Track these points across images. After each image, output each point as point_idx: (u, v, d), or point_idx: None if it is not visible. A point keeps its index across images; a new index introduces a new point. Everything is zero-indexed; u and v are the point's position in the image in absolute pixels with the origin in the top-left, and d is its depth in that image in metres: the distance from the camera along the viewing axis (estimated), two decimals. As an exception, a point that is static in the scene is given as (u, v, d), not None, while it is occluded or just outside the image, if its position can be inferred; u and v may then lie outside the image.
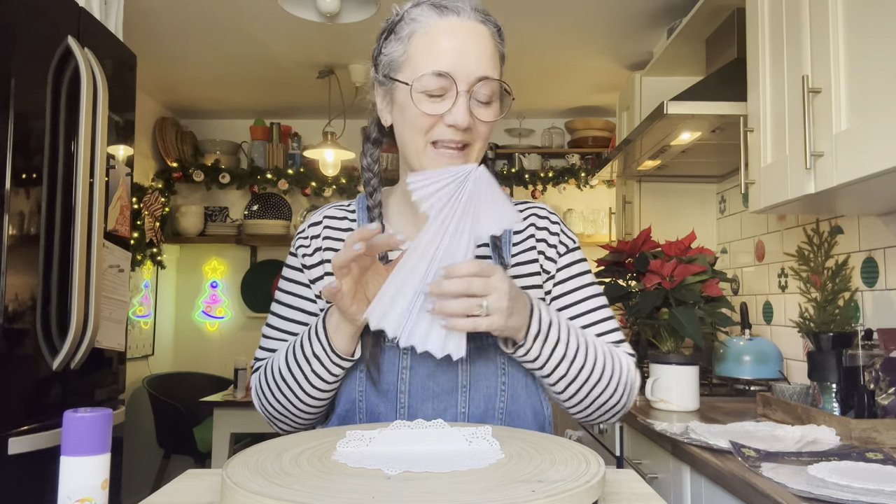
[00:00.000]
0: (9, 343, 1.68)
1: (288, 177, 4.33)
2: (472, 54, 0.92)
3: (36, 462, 1.71)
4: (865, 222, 1.89)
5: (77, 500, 0.61)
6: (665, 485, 1.61)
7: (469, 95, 0.92)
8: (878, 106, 1.25)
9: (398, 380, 0.96)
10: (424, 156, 0.95)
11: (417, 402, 0.95)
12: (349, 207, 1.09)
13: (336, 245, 1.04)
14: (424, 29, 0.93)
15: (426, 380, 0.96)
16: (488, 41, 0.94)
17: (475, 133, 0.94)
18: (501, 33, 0.99)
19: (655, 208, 3.10)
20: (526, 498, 0.59)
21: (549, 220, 1.08)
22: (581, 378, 0.93)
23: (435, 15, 0.93)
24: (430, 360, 0.96)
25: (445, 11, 0.93)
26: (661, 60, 2.91)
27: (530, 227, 1.07)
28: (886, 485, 0.98)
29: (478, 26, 0.94)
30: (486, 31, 0.95)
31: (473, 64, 0.92)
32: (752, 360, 2.12)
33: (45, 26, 1.83)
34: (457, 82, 0.91)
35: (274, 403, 0.98)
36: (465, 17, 0.93)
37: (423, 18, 0.94)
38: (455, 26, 0.93)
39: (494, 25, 0.97)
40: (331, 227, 1.06)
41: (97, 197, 1.92)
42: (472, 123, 0.92)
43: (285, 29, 3.09)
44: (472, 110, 0.93)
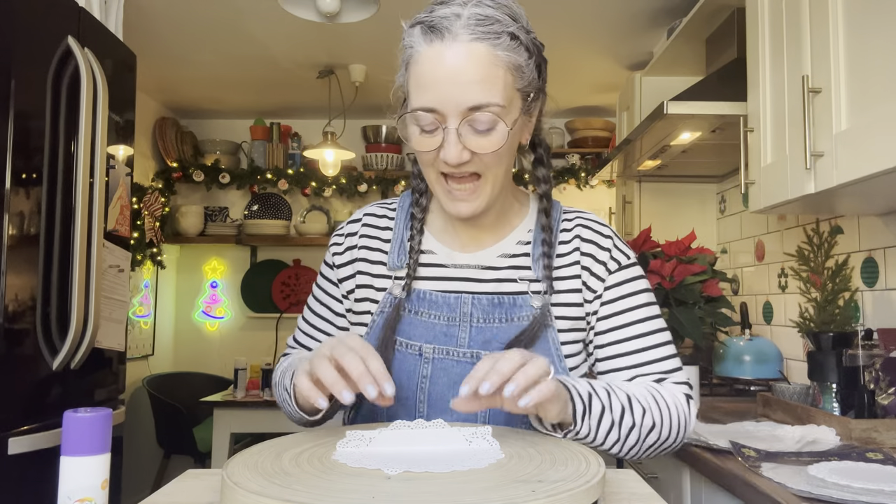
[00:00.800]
0: (9, 343, 1.68)
1: (288, 177, 4.33)
2: (459, 84, 0.83)
3: (36, 462, 1.71)
4: (865, 222, 1.89)
5: (77, 500, 0.61)
6: (665, 485, 1.61)
7: (458, 130, 0.85)
8: (878, 106, 1.25)
9: (417, 389, 0.94)
10: (438, 190, 0.93)
11: (437, 413, 0.92)
12: (391, 206, 1.06)
13: (371, 243, 1.03)
14: (415, 57, 0.87)
15: (446, 390, 0.93)
16: (481, 62, 0.84)
17: (480, 164, 0.88)
18: (521, 38, 0.88)
19: (655, 208, 3.10)
20: (526, 498, 0.59)
21: (600, 233, 1.00)
22: (633, 437, 0.90)
23: (423, 41, 0.86)
24: (452, 371, 0.94)
25: (433, 37, 0.85)
26: (661, 60, 2.91)
27: (575, 240, 1.00)
28: (886, 485, 0.98)
29: (468, 47, 0.84)
30: (482, 50, 0.84)
31: (461, 94, 0.84)
32: (752, 360, 2.12)
33: (45, 26, 1.83)
34: (446, 118, 0.85)
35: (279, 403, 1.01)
36: (452, 40, 0.84)
37: (415, 45, 0.87)
38: (438, 54, 0.84)
39: (497, 37, 0.85)
40: (369, 224, 1.04)
41: (97, 197, 1.92)
42: (467, 157, 0.86)
43: (285, 29, 3.09)
44: (467, 142, 0.86)
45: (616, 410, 0.88)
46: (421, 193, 1.02)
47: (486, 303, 0.96)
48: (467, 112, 0.85)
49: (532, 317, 0.95)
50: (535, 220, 1.02)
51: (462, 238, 1.01)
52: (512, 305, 0.96)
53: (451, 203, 0.92)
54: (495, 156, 0.88)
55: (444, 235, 1.02)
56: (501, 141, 0.87)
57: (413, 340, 0.96)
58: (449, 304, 0.96)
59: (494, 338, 0.94)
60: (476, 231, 1.00)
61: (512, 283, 0.98)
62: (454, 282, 0.99)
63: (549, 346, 0.95)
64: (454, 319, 0.96)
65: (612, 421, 0.87)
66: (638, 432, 0.89)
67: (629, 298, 0.98)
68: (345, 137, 4.00)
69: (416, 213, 1.02)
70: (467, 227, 1.00)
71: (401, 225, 1.03)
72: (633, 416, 0.89)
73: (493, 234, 1.01)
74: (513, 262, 0.99)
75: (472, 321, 0.95)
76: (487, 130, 0.86)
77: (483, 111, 0.85)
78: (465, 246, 1.01)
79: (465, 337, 0.95)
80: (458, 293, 0.97)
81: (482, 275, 0.99)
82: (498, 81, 0.85)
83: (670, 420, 0.92)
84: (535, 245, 1.00)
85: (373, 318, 1.00)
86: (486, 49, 0.85)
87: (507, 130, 0.87)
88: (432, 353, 0.95)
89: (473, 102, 0.84)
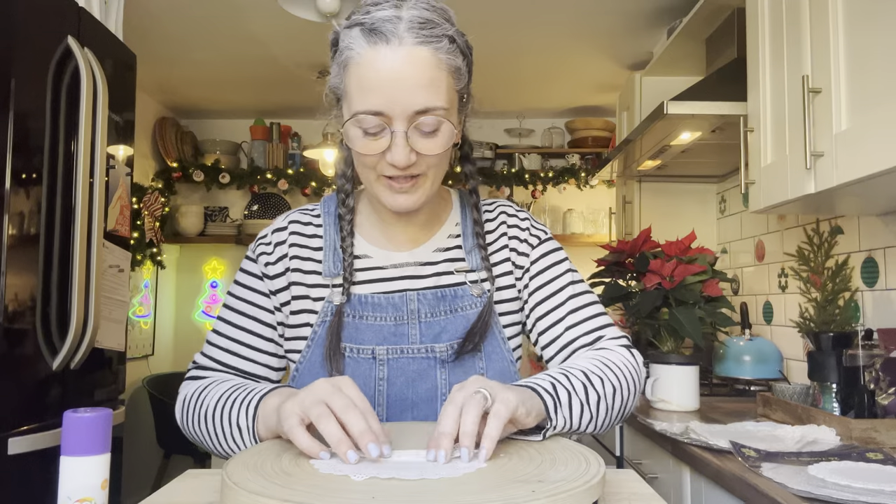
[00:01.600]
0: (9, 343, 1.68)
1: (288, 177, 4.33)
2: (406, 88, 0.83)
3: (36, 462, 1.71)
4: (865, 222, 1.89)
5: (77, 500, 0.61)
6: (665, 485, 1.61)
7: (406, 132, 0.85)
8: (878, 106, 1.25)
9: (375, 392, 0.93)
10: (377, 187, 0.92)
11: (396, 413, 0.93)
12: (314, 212, 1.04)
13: (302, 252, 0.99)
14: (356, 59, 0.85)
15: (404, 389, 0.94)
16: (426, 66, 0.84)
17: (423, 164, 0.89)
18: (457, 41, 0.88)
19: (655, 208, 3.10)
20: (526, 498, 0.59)
21: (517, 216, 1.06)
22: (602, 409, 0.90)
23: (365, 44, 0.85)
24: (408, 369, 0.94)
25: (375, 39, 0.84)
26: (661, 60, 2.91)
27: (502, 226, 1.05)
28: (886, 485, 0.98)
29: (413, 51, 0.84)
30: (424, 53, 0.84)
31: (409, 98, 0.84)
32: (752, 360, 2.12)
33: (45, 26, 1.83)
34: (392, 120, 0.85)
35: (198, 434, 0.94)
36: (397, 44, 0.83)
37: (355, 46, 0.85)
38: (384, 58, 0.83)
39: (439, 41, 0.85)
40: (296, 232, 1.01)
41: (97, 197, 1.92)
42: (414, 159, 0.87)
43: (285, 29, 3.09)
44: (415, 144, 0.86)
45: (580, 390, 0.88)
46: (347, 195, 1.01)
47: (431, 297, 0.98)
48: (414, 116, 0.85)
49: (475, 305, 0.99)
50: (460, 212, 1.06)
51: (396, 237, 1.01)
52: (454, 297, 0.99)
53: (390, 197, 0.91)
54: (437, 156, 0.89)
55: (377, 237, 1.01)
56: (447, 142, 0.89)
57: (364, 345, 0.95)
58: (394, 304, 0.97)
59: (444, 330, 0.97)
60: (410, 228, 1.01)
61: (450, 275, 1.01)
62: (395, 282, 0.99)
63: (495, 333, 0.99)
64: (402, 318, 0.96)
65: (580, 402, 0.87)
66: (605, 402, 0.90)
67: (554, 267, 1.03)
68: (345, 137, 3.99)
69: (344, 214, 1.00)
70: (401, 225, 1.01)
71: (331, 230, 1.01)
72: (596, 389, 0.90)
73: (425, 230, 1.02)
74: (447, 256, 1.02)
75: (420, 317, 0.97)
76: (433, 132, 0.87)
77: (429, 114, 0.85)
78: (399, 245, 1.01)
79: (416, 333, 0.96)
80: (401, 292, 0.98)
81: (422, 271, 1.00)
82: (442, 84, 0.86)
83: (625, 377, 0.94)
84: (466, 237, 1.03)
85: (313, 329, 0.97)
86: (429, 53, 0.85)
87: (452, 131, 0.89)
88: (386, 355, 0.95)
89: (420, 106, 0.85)
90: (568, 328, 1.00)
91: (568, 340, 1.00)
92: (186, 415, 0.95)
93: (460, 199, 1.08)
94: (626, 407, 0.95)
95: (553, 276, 1.03)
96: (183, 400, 0.97)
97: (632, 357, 0.98)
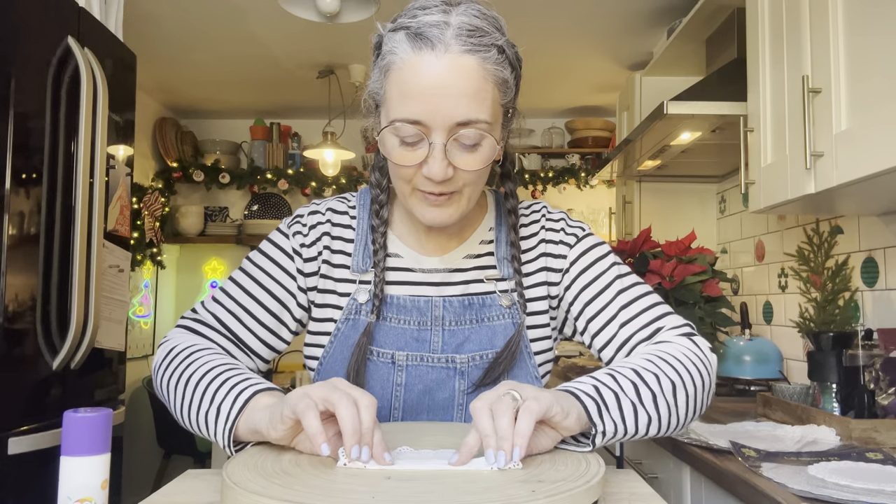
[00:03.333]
0: (9, 343, 1.68)
1: (288, 177, 4.33)
2: (449, 98, 0.80)
3: (36, 462, 1.71)
4: (865, 222, 1.89)
5: (77, 500, 0.61)
6: (665, 485, 1.61)
7: (445, 145, 0.81)
8: (878, 106, 1.25)
9: (392, 397, 0.91)
10: (412, 200, 0.88)
11: (411, 418, 0.92)
12: (350, 203, 1.01)
13: (334, 244, 0.96)
14: (399, 65, 0.82)
15: (421, 396, 0.92)
16: (472, 77, 0.80)
17: (461, 180, 0.85)
18: (507, 52, 0.85)
19: (655, 208, 3.10)
20: (526, 498, 0.59)
21: (552, 219, 1.01)
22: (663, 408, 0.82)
23: (409, 49, 0.81)
24: (426, 378, 0.92)
25: (421, 45, 0.80)
26: (661, 60, 2.91)
27: (541, 231, 1.00)
28: (886, 485, 0.98)
29: (460, 60, 0.80)
30: (471, 63, 0.80)
31: (451, 108, 0.80)
32: (752, 360, 2.12)
33: (45, 26, 1.83)
34: (429, 132, 0.81)
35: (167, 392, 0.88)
36: (443, 51, 0.80)
37: (399, 52, 0.82)
38: (429, 65, 0.80)
39: (487, 50, 0.82)
40: (333, 222, 0.98)
41: (97, 197, 1.92)
42: (451, 174, 0.83)
43: (285, 29, 3.09)
44: (454, 158, 0.82)
45: (629, 391, 0.80)
46: (381, 206, 0.97)
47: (458, 305, 0.95)
48: (455, 128, 0.81)
49: (503, 317, 0.95)
50: (495, 217, 1.01)
51: (427, 243, 0.98)
52: (482, 306, 0.95)
53: (424, 210, 0.87)
54: (476, 173, 0.85)
55: (409, 238, 0.98)
56: (488, 159, 0.84)
57: (384, 348, 0.92)
58: (419, 308, 0.94)
59: (468, 340, 0.93)
60: (443, 235, 0.97)
61: (479, 283, 0.97)
62: (423, 286, 0.96)
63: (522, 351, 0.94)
64: (425, 324, 0.94)
65: (632, 403, 0.79)
66: (665, 400, 0.82)
67: (597, 264, 0.97)
68: (345, 137, 4.00)
69: (378, 226, 0.96)
70: (434, 232, 0.97)
71: (364, 224, 0.97)
72: (650, 387, 0.81)
73: (457, 236, 0.98)
74: (477, 263, 0.98)
75: (444, 324, 0.94)
76: (473, 146, 0.83)
77: (471, 127, 0.81)
78: (429, 250, 0.98)
79: (438, 341, 0.93)
80: (427, 297, 0.95)
81: (451, 277, 0.96)
82: (487, 97, 0.82)
83: (687, 370, 0.85)
84: (499, 244, 0.98)
85: (337, 325, 0.94)
86: (476, 63, 0.81)
87: (494, 147, 0.84)
88: (405, 361, 0.92)
89: (462, 118, 0.81)
90: (622, 325, 0.93)
91: (625, 338, 0.93)
92: (168, 368, 0.88)
93: (496, 202, 1.03)
94: (697, 401, 0.86)
95: (598, 272, 0.96)
96: (170, 350, 0.90)
97: (694, 346, 0.89)
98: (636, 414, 0.79)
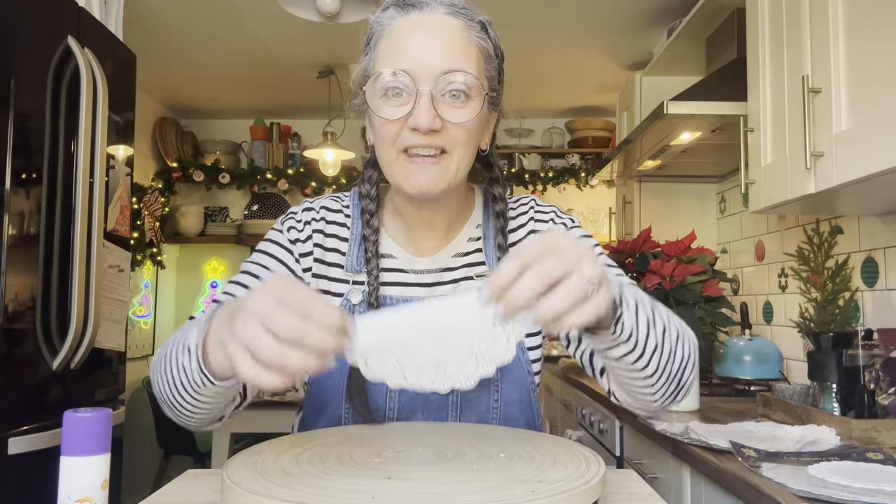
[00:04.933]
0: (9, 343, 1.68)
1: (288, 177, 4.33)
2: (433, 48, 0.82)
3: (36, 462, 1.71)
4: (865, 222, 1.89)
5: (77, 500, 0.61)
6: (665, 485, 1.61)
7: (432, 95, 0.82)
8: (878, 106, 1.25)
9: (387, 398, 0.91)
10: (396, 167, 0.86)
11: (406, 419, 0.92)
12: (344, 202, 1.00)
13: (327, 242, 0.95)
14: (387, 31, 0.86)
15: (415, 397, 0.91)
16: (457, 34, 0.84)
17: (449, 137, 0.84)
18: (486, 28, 0.89)
19: (655, 208, 3.10)
20: (526, 498, 0.59)
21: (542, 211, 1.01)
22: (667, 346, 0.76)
23: (396, 14, 0.86)
24: None
25: (409, 9, 0.85)
26: (661, 60, 2.91)
27: (530, 222, 1.00)
28: (886, 485, 0.98)
29: (445, 19, 0.85)
30: (456, 24, 0.85)
31: (437, 57, 0.82)
32: (752, 360, 2.12)
33: (45, 26, 1.83)
34: (416, 80, 0.82)
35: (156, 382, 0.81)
36: (429, 12, 0.85)
37: (387, 20, 0.86)
38: (416, 21, 0.84)
39: (471, 19, 0.86)
40: (326, 219, 0.97)
41: (97, 197, 1.92)
42: (439, 125, 0.82)
43: (285, 29, 3.09)
44: (441, 111, 0.82)
45: (646, 307, 0.74)
46: (372, 214, 0.95)
47: None
48: (439, 75, 0.82)
49: None
50: (483, 213, 1.00)
51: (419, 242, 0.97)
52: None
53: (409, 176, 0.85)
54: (465, 132, 0.85)
55: (399, 237, 0.97)
56: (473, 113, 0.84)
57: None
58: None
59: None
60: (433, 234, 0.97)
61: (469, 280, 0.96)
62: (415, 287, 0.95)
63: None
64: None
65: (648, 319, 0.73)
66: (670, 339, 0.76)
67: None
68: (345, 137, 4.00)
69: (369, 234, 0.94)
70: (425, 230, 0.96)
71: (358, 223, 0.96)
72: (662, 317, 0.76)
73: (446, 235, 0.98)
74: (466, 261, 0.97)
75: None
76: (461, 101, 0.83)
77: (458, 73, 0.82)
78: (420, 250, 0.97)
79: None
80: (420, 298, 0.93)
81: (442, 277, 0.96)
82: (472, 56, 0.85)
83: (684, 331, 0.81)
84: (487, 240, 0.98)
85: None
86: (462, 25, 0.85)
87: (480, 108, 0.85)
88: None
89: (449, 66, 0.82)
90: None
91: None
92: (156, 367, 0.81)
93: (484, 197, 1.03)
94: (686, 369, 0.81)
95: None
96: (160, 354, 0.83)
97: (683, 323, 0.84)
98: (649, 331, 0.74)
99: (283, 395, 3.29)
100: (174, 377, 0.75)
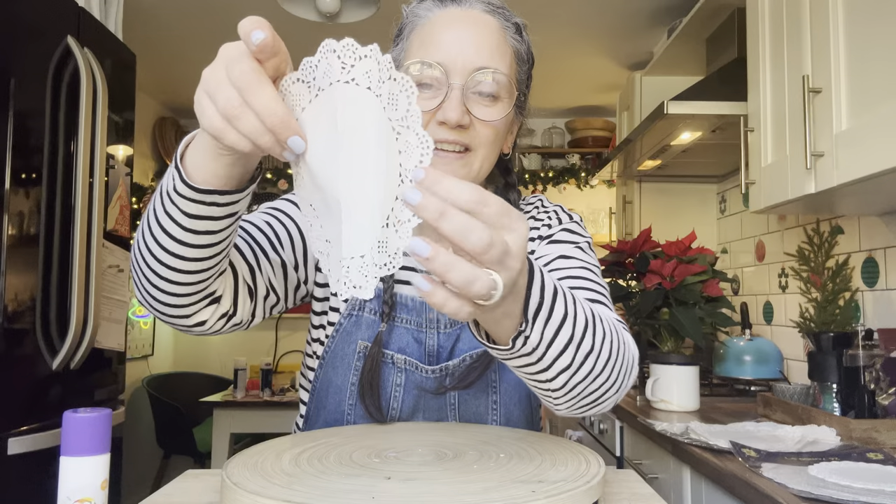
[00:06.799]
0: (9, 343, 1.68)
1: (287, 177, 4.33)
2: (469, 43, 0.82)
3: (36, 462, 1.71)
4: (866, 222, 1.89)
5: (77, 501, 0.61)
6: (665, 485, 1.61)
7: (463, 90, 0.81)
8: (878, 106, 1.25)
9: (391, 397, 0.91)
10: None
11: (408, 419, 0.92)
12: None
13: None
14: (422, 22, 0.86)
15: (418, 398, 0.92)
16: (494, 32, 0.84)
17: (476, 135, 0.83)
18: (521, 31, 0.89)
19: (655, 208, 3.10)
20: (526, 498, 0.59)
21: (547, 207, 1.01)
22: (584, 370, 0.64)
23: (435, 7, 0.86)
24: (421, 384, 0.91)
25: (446, 2, 0.86)
26: (662, 60, 2.91)
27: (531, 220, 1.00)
28: (887, 485, 0.98)
29: (483, 16, 0.85)
30: (493, 22, 0.85)
31: (471, 54, 0.81)
32: (752, 361, 2.12)
33: (45, 26, 1.83)
34: (449, 74, 0.81)
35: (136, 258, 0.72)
36: (468, 7, 0.85)
37: (423, 12, 0.86)
38: (453, 15, 0.84)
39: (507, 20, 0.87)
40: None
41: (97, 197, 1.92)
42: (467, 122, 0.81)
43: (285, 29, 3.09)
44: (471, 107, 0.82)
45: (580, 324, 0.62)
46: None
47: None
48: (474, 73, 0.81)
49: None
50: None
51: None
52: None
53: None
54: (492, 131, 0.84)
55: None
56: (503, 113, 0.84)
57: (387, 349, 0.91)
58: (417, 310, 0.93)
59: (459, 339, 0.92)
60: None
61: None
62: None
63: None
64: (422, 325, 0.93)
65: (570, 337, 0.61)
66: (592, 363, 0.64)
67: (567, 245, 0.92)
68: (345, 137, 4.00)
69: None
70: None
71: None
72: (594, 339, 0.64)
73: None
74: None
75: (439, 327, 0.92)
76: (491, 100, 0.83)
77: (490, 72, 0.82)
78: None
79: (434, 344, 0.92)
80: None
81: None
82: (506, 56, 0.85)
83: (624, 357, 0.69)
84: None
85: (339, 321, 0.92)
86: (498, 23, 0.86)
87: (509, 109, 0.84)
88: (404, 365, 0.91)
89: (482, 63, 0.82)
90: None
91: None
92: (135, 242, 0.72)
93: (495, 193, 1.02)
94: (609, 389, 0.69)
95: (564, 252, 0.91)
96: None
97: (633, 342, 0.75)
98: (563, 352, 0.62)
99: (282, 396, 3.30)
100: (149, 223, 0.68)
